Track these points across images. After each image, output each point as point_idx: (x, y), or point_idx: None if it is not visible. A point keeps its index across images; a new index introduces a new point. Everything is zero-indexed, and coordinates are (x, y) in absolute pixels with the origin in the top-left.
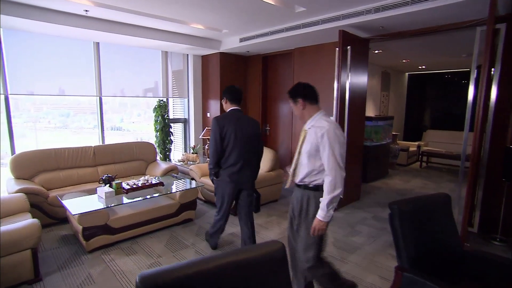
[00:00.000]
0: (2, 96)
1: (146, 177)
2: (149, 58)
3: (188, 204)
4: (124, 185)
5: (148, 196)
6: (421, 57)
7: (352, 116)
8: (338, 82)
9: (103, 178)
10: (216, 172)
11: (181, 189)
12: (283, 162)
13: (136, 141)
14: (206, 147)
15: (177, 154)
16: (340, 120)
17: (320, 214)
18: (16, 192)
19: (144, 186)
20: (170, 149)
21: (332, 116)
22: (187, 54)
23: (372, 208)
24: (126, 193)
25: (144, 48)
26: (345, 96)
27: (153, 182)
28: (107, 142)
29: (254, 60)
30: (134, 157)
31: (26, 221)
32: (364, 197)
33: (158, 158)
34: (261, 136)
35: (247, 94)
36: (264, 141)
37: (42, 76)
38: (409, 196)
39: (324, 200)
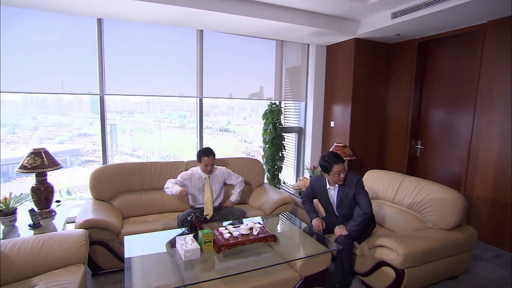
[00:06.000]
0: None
1: (249, 223)
2: (260, 50)
3: (314, 277)
4: (217, 233)
5: (254, 265)
6: None
7: None
8: None
9: (189, 219)
10: None
11: (306, 254)
12: None
13: (240, 156)
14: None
15: (286, 172)
16: None
17: None
18: (80, 226)
19: (245, 241)
20: (281, 167)
21: None
22: (308, 45)
23: None
24: (218, 251)
25: (254, 37)
26: None
27: (261, 233)
28: (211, 143)
29: (404, 48)
30: None
31: None
32: None
33: (265, 179)
34: None
35: (390, 98)
36: (412, 164)
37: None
38: None
39: None
